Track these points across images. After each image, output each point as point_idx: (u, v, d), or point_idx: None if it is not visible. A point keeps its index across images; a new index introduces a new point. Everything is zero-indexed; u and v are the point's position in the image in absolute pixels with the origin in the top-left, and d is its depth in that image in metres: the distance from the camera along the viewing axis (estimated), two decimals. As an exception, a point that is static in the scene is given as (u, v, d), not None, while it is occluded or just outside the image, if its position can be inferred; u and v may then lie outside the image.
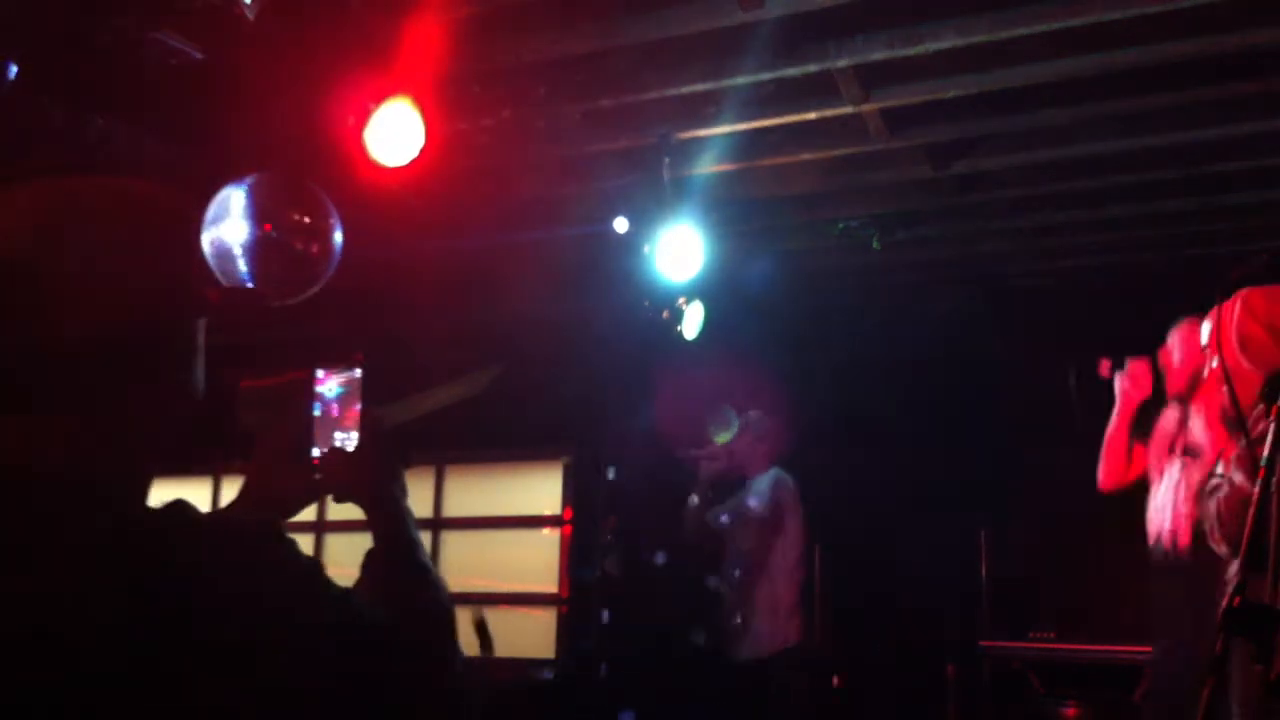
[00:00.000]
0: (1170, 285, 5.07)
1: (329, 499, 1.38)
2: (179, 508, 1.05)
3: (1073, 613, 5.29)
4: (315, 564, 1.09)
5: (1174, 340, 3.56)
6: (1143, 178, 4.46)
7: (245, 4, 2.79)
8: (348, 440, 1.35)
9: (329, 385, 1.37)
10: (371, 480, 1.33)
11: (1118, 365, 3.79)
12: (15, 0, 2.94)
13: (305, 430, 1.35)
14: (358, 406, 1.35)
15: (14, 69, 2.88)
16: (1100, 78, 3.64)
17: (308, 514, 1.34)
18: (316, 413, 1.36)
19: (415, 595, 1.24)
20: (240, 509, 1.34)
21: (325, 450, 1.35)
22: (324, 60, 3.25)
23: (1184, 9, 3.12)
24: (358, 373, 1.36)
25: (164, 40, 3.01)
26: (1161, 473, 3.52)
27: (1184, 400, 3.48)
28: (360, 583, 1.24)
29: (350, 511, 1.34)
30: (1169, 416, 3.57)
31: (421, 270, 5.04)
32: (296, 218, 3.38)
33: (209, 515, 1.09)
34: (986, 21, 3.24)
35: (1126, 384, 3.74)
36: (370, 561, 1.28)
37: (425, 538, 1.31)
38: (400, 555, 1.28)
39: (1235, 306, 2.70)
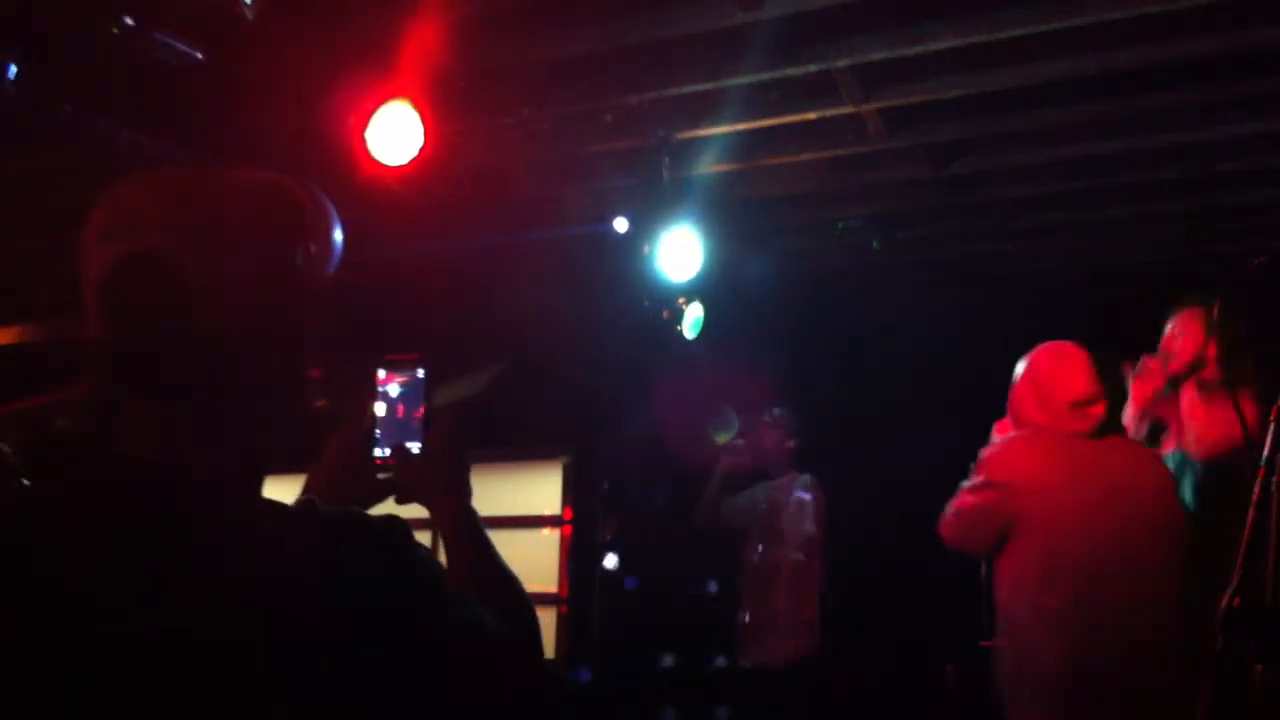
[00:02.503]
0: (1170, 285, 5.06)
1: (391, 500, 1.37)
2: (309, 505, 1.06)
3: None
4: (441, 565, 1.10)
5: (1176, 326, 3.55)
6: (1142, 178, 4.46)
7: (245, 4, 2.79)
8: (413, 441, 1.34)
9: (392, 386, 1.36)
10: (441, 483, 1.33)
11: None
12: (15, 0, 2.94)
13: (369, 431, 1.35)
14: (422, 407, 1.35)
15: (14, 69, 2.88)
16: (1100, 78, 3.64)
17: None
18: (381, 413, 1.35)
19: (504, 595, 1.24)
20: None
21: (391, 451, 1.34)
22: (324, 60, 3.25)
23: (1184, 9, 3.12)
24: (420, 373, 1.36)
25: (164, 40, 3.01)
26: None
27: (1177, 382, 3.49)
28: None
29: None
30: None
31: (421, 270, 5.04)
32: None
33: (339, 513, 1.09)
34: (985, 21, 3.24)
35: (1142, 373, 3.68)
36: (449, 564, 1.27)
37: (425, 538, 1.30)
38: (482, 557, 1.28)
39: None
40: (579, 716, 5.55)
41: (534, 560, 5.81)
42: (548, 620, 5.76)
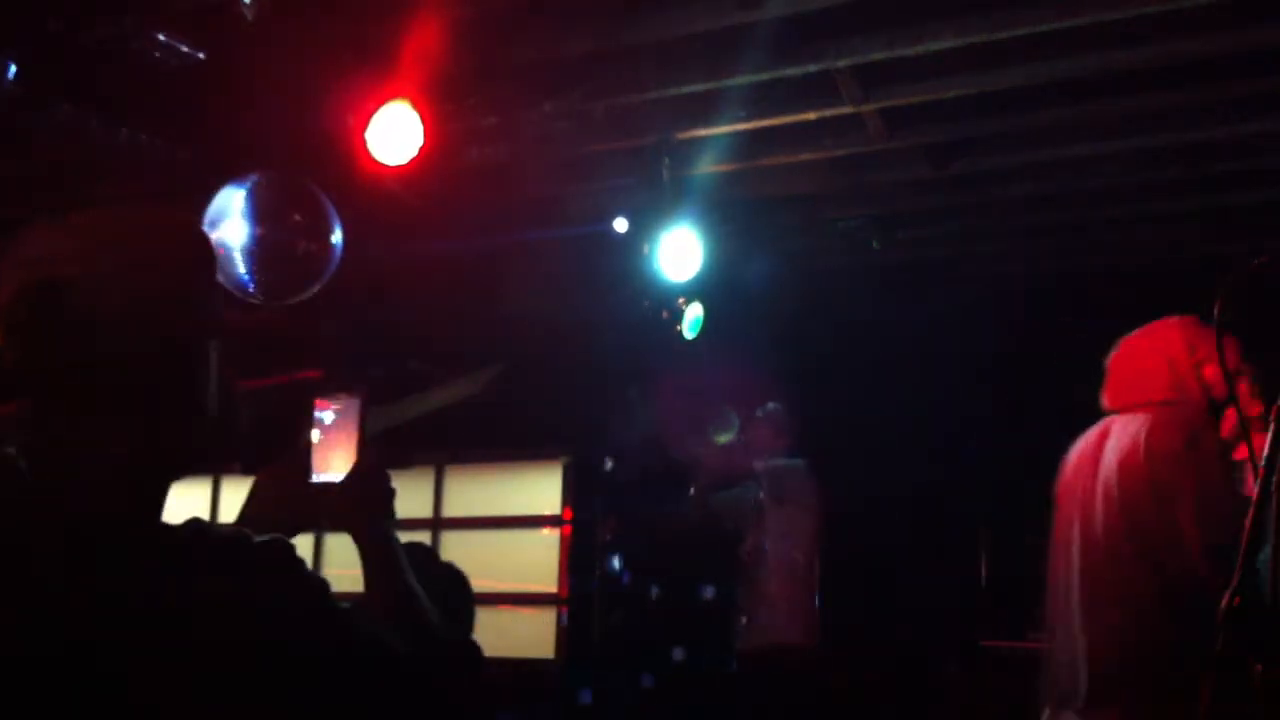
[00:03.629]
0: (1170, 285, 5.06)
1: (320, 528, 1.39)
2: (195, 526, 1.07)
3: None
4: (324, 584, 1.11)
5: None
6: (1143, 178, 4.46)
7: (245, 4, 2.80)
8: (344, 471, 1.36)
9: (326, 413, 1.38)
10: (367, 513, 1.36)
11: None
12: (15, 0, 2.94)
13: (305, 458, 1.37)
14: (356, 436, 1.37)
15: (14, 69, 2.88)
16: (1100, 78, 3.64)
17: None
18: (315, 440, 1.38)
19: (410, 619, 1.27)
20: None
21: (322, 479, 1.36)
22: (324, 60, 3.25)
23: (1184, 9, 3.12)
24: (356, 403, 1.38)
25: (164, 40, 3.01)
26: None
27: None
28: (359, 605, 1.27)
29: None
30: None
31: (421, 270, 5.04)
32: (296, 218, 3.38)
33: (222, 534, 1.11)
34: (986, 21, 3.24)
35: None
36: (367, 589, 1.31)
37: (425, 537, 1.32)
38: (400, 582, 1.32)
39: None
40: (579, 715, 5.56)
41: (534, 560, 5.81)
42: (548, 620, 5.77)
